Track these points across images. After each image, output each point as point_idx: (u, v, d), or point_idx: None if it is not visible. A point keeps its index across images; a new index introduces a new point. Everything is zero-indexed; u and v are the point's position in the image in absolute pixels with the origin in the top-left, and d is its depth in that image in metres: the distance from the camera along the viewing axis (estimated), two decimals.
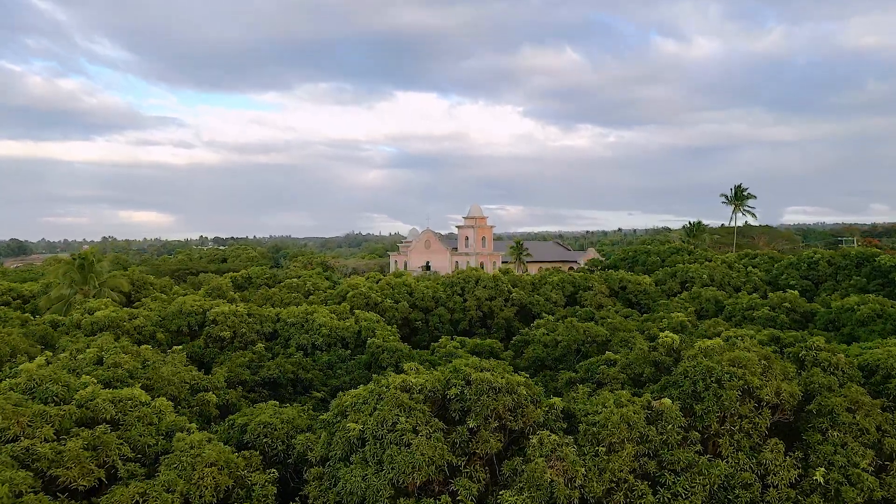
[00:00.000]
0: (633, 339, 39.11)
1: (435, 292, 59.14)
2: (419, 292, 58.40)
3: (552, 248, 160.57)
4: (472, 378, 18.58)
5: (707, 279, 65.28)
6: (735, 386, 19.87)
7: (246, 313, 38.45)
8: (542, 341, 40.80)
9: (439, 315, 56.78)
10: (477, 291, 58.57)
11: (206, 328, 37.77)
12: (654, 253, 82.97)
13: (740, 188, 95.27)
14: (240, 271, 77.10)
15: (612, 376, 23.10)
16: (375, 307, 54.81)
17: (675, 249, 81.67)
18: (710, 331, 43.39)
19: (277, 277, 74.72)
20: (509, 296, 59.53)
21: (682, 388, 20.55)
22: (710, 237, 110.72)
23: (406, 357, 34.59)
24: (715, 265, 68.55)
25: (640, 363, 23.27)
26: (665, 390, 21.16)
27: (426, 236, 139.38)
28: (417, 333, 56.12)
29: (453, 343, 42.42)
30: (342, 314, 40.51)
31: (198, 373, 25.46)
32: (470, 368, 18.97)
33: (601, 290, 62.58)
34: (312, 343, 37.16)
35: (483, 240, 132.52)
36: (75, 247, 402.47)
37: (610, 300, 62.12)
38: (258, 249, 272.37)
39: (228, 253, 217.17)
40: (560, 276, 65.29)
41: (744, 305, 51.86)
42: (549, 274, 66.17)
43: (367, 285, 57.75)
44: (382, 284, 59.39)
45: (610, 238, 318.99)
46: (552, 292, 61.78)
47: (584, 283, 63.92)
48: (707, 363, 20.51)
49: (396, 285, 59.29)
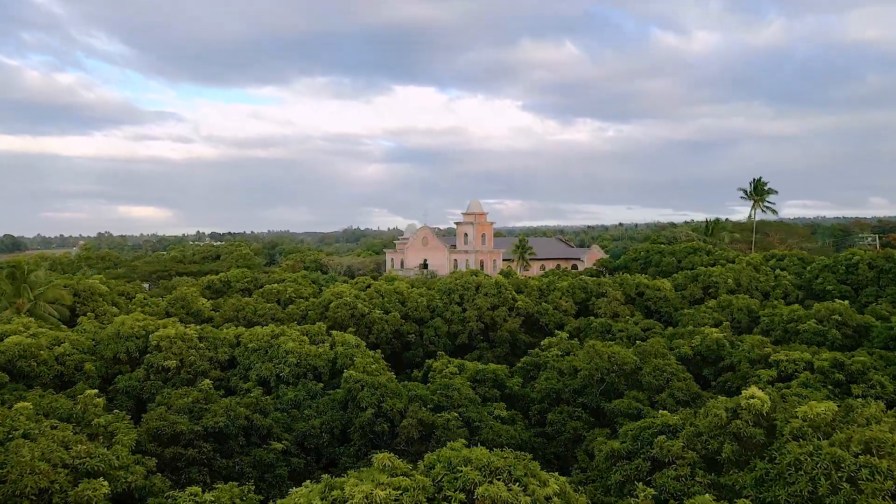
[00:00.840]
0: (669, 368, 31.89)
1: (430, 301, 51.93)
2: (412, 301, 51.20)
3: (554, 244, 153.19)
4: (478, 495, 11.34)
5: (733, 284, 58.10)
6: (881, 490, 12.74)
7: (197, 336, 31.24)
8: (557, 367, 33.60)
9: (435, 327, 49.60)
10: (477, 300, 51.36)
11: (148, 355, 30.58)
12: (669, 253, 75.72)
13: (760, 182, 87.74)
14: (219, 274, 69.89)
15: (674, 453, 15.97)
16: (362, 319, 47.62)
17: (693, 249, 74.42)
18: (756, 352, 36.19)
19: (259, 281, 67.54)
20: (514, 304, 52.34)
21: (793, 486, 13.37)
22: (730, 235, 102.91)
23: (391, 395, 27.40)
24: (739, 267, 61.32)
25: (714, 435, 16.09)
26: (764, 486, 14.00)
27: (423, 233, 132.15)
28: (410, 348, 48.96)
29: (451, 367, 35.28)
30: (316, 336, 33.29)
31: (88, 445, 18.04)
32: (474, 472, 11.71)
33: (616, 297, 55.43)
34: (277, 374, 29.99)
35: (483, 237, 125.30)
36: (71, 242, 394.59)
37: (626, 308, 54.95)
38: (253, 246, 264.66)
39: (222, 249, 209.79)
40: (570, 281, 58.09)
41: (784, 317, 44.67)
42: (557, 278, 58.96)
43: (354, 293, 50.53)
44: (371, 292, 52.17)
45: (611, 233, 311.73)
46: (562, 300, 54.60)
47: (597, 289, 56.73)
48: (832, 451, 13.33)
49: (387, 293, 52.07)
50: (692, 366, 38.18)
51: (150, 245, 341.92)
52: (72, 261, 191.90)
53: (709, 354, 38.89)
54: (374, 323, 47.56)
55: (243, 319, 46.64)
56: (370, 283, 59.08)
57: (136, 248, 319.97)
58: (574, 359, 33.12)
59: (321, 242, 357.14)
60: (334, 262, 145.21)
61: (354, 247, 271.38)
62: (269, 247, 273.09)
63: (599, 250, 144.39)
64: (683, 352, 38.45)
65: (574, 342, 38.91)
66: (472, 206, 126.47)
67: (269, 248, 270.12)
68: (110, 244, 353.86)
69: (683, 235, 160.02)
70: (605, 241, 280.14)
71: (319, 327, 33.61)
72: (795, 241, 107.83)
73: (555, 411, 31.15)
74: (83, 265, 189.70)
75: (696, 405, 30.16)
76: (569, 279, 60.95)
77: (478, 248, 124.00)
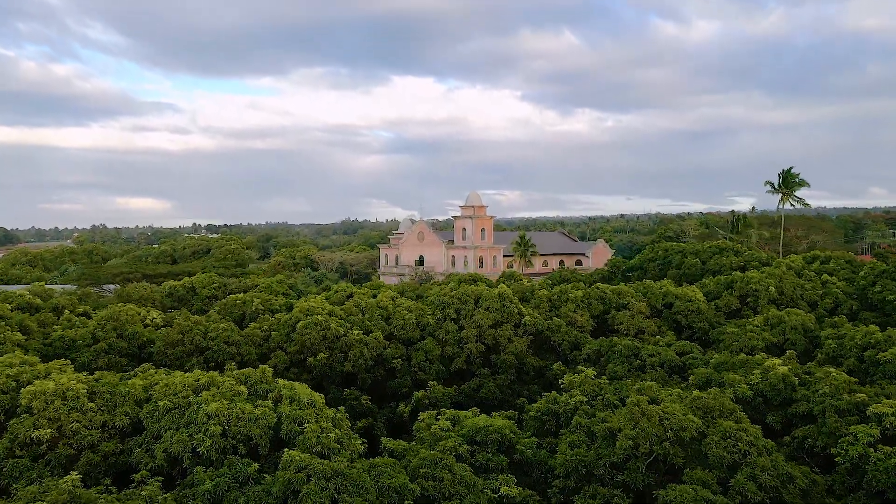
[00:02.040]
0: (744, 435, 22.74)
1: (420, 317, 42.84)
2: (399, 317, 42.10)
3: (557, 238, 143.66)
4: None
5: (774, 292, 49.03)
6: None
7: (86, 392, 22.09)
8: (586, 426, 24.48)
9: (426, 350, 40.54)
10: (477, 316, 42.25)
11: (13, 420, 21.48)
12: (691, 253, 66.51)
13: (790, 173, 77.68)
14: (182, 279, 60.78)
15: None
16: (336, 342, 38.57)
17: (719, 249, 65.21)
18: (845, 398, 27.12)
19: (228, 287, 58.49)
20: (520, 320, 43.23)
21: None
22: (757, 233, 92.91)
23: (352, 489, 18.31)
24: (779, 272, 52.17)
25: None
26: None
27: (419, 228, 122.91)
28: (396, 376, 39.94)
29: (442, 421, 26.29)
30: (257, 384, 24.08)
31: None
32: None
33: (640, 310, 46.33)
34: (193, 448, 20.86)
35: (482, 231, 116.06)
36: (66, 235, 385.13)
37: (652, 323, 45.87)
38: (247, 239, 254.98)
39: (213, 243, 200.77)
40: (585, 291, 48.93)
41: (857, 342, 35.63)
42: (570, 287, 49.77)
43: (328, 309, 41.40)
44: (350, 306, 43.04)
45: (612, 224, 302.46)
46: (576, 313, 45.47)
47: (617, 300, 47.59)
48: None
49: (368, 308, 42.96)
50: (752, 409, 29.26)
51: (144, 238, 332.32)
52: (55, 256, 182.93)
53: (774, 396, 29.92)
54: (351, 347, 38.48)
55: (190, 344, 37.57)
56: (352, 293, 50.00)
57: (129, 240, 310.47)
58: (610, 416, 23.99)
59: (318, 234, 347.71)
60: (326, 258, 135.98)
61: (352, 239, 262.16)
62: (263, 240, 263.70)
63: (605, 245, 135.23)
64: (741, 391, 29.48)
65: (603, 382, 29.83)
66: (470, 199, 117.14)
67: (263, 241, 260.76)
68: (104, 237, 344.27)
69: (692, 229, 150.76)
70: (607, 234, 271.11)
71: (263, 373, 24.50)
72: (820, 238, 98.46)
73: (584, 493, 22.14)
74: (66, 260, 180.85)
75: (787, 491, 21.10)
76: (583, 287, 51.84)
77: (477, 243, 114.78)
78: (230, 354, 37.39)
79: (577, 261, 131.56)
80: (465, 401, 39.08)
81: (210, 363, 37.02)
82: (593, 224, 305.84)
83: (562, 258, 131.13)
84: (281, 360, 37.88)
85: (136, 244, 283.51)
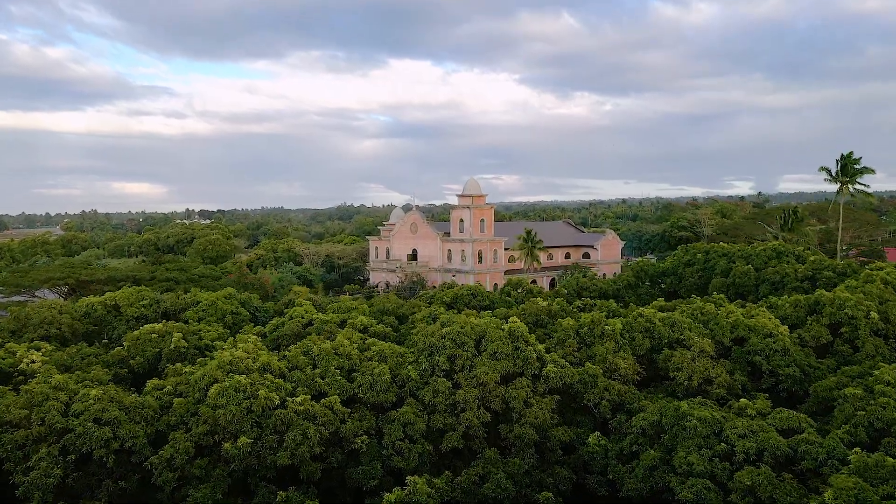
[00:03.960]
0: None
1: (398, 367, 29.30)
2: (367, 371, 28.50)
3: (562, 229, 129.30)
4: None
5: (877, 319, 35.56)
6: None
7: None
8: None
9: (405, 422, 27.04)
10: (480, 367, 28.68)
11: None
12: (740, 257, 52.91)
13: (850, 157, 63.28)
14: (105, 295, 47.14)
15: None
16: (268, 419, 25.05)
17: (776, 252, 51.60)
18: None
19: (161, 305, 45.02)
20: (540, 370, 29.66)
21: None
22: (813, 231, 78.15)
23: None
24: (875, 289, 38.70)
25: None
26: None
27: (412, 218, 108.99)
28: (360, 461, 26.47)
29: None
30: None
31: None
32: None
33: (702, 348, 32.82)
34: None
35: (482, 223, 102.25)
36: (56, 221, 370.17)
37: (722, 369, 32.35)
38: (235, 226, 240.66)
39: (197, 232, 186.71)
40: (624, 320, 35.36)
41: None
42: (605, 315, 36.13)
43: (261, 361, 27.77)
44: (296, 355, 29.36)
45: (614, 210, 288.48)
46: (618, 357, 31.93)
47: (670, 334, 34.07)
48: None
49: (323, 355, 29.28)
50: None
51: (134, 224, 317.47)
52: (27, 247, 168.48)
53: None
54: (291, 425, 24.95)
55: (40, 425, 24.03)
56: (311, 320, 36.50)
57: (117, 227, 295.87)
58: None
59: (313, 220, 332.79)
60: (311, 251, 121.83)
61: (346, 226, 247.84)
62: (253, 227, 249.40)
63: (614, 236, 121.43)
64: None
65: None
66: (468, 187, 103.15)
67: (253, 228, 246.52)
68: (93, 223, 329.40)
69: (707, 219, 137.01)
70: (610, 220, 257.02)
71: None
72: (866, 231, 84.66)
73: None
74: (39, 251, 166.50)
75: None
76: (620, 315, 38.40)
77: (476, 236, 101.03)
78: (102, 441, 23.87)
79: (585, 253, 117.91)
80: (463, 500, 25.87)
81: (69, 454, 23.61)
82: (594, 210, 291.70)
83: (568, 251, 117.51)
84: (181, 448, 24.35)
85: (124, 231, 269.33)
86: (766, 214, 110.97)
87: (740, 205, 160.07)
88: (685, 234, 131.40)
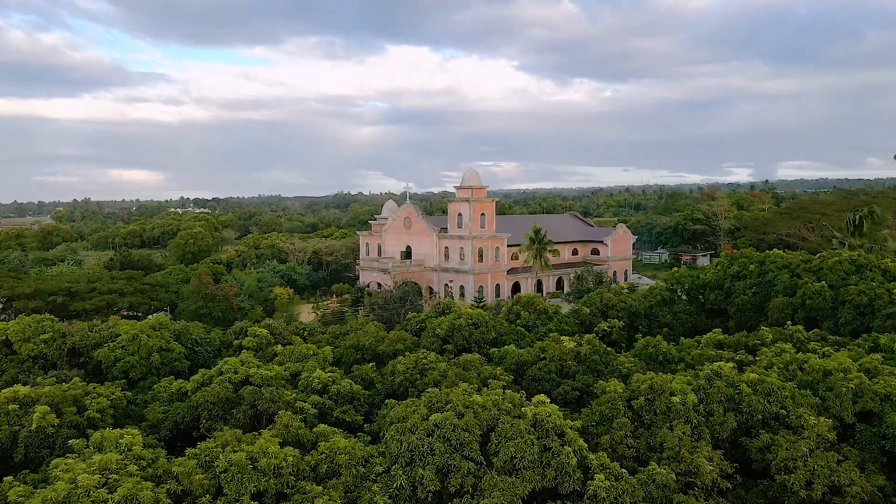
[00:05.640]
0: None
1: (357, 488, 17.89)
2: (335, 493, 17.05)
3: (569, 223, 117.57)
4: None
5: None
6: None
7: None
8: None
9: None
10: (490, 490, 17.27)
11: None
12: (807, 270, 41.51)
13: None
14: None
15: None
16: None
17: (855, 265, 40.17)
18: None
19: (68, 340, 33.70)
20: (584, 488, 18.28)
21: None
22: (891, 234, 65.54)
23: None
24: None
25: None
26: None
27: (405, 212, 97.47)
28: None
29: None
30: None
31: None
32: None
33: (818, 431, 21.54)
34: None
35: (482, 217, 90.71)
36: (48, 209, 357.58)
37: (855, 471, 21.09)
38: (226, 216, 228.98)
39: (184, 223, 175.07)
40: (696, 381, 23.97)
41: None
42: (671, 375, 24.63)
43: (127, 489, 16.30)
44: (189, 470, 17.89)
45: (615, 198, 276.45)
46: (697, 452, 20.57)
47: (765, 406, 22.74)
48: None
49: (232, 474, 17.78)
50: None
51: (126, 213, 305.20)
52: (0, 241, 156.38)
53: None
54: None
55: None
56: (230, 398, 25.24)
57: (109, 216, 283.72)
58: None
59: (309, 209, 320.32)
60: (297, 247, 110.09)
61: (342, 216, 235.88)
62: (245, 217, 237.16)
63: (626, 230, 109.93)
64: None
65: None
66: (468, 178, 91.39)
67: (245, 218, 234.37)
68: (86, 212, 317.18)
69: (724, 211, 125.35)
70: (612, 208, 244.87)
71: None
72: None
73: None
74: (13, 244, 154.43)
75: None
76: (673, 359, 27.07)
77: (475, 232, 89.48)
78: None
79: (594, 249, 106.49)
80: None
81: None
82: (596, 199, 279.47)
83: (575, 246, 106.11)
84: None
85: (114, 221, 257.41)
86: (800, 208, 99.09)
87: (757, 195, 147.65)
88: (700, 227, 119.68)
